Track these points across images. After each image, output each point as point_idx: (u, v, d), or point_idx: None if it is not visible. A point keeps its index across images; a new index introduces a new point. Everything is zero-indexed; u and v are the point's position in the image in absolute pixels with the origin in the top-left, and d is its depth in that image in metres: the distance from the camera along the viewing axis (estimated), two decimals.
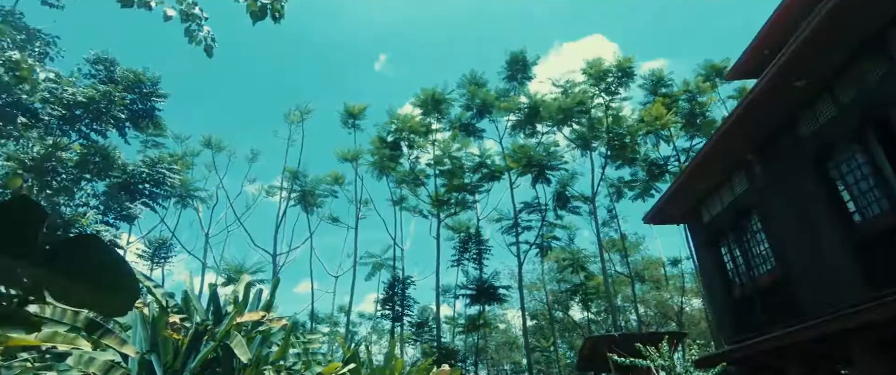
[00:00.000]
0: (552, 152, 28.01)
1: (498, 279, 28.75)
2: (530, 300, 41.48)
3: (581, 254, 31.53)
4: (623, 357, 9.68)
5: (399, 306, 28.56)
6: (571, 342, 39.55)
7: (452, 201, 31.29)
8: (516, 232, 29.36)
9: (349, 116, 34.85)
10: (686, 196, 12.72)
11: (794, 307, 9.43)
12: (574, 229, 33.30)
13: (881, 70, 7.23)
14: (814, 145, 8.73)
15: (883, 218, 7.44)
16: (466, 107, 31.76)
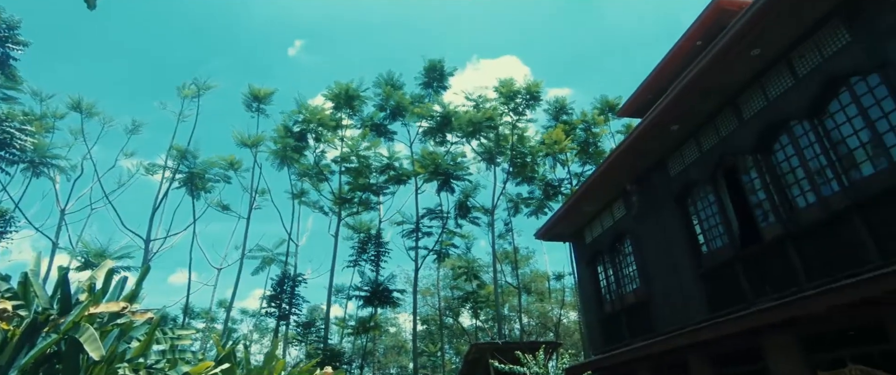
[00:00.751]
0: (459, 162, 28.80)
1: (393, 283, 28.69)
2: (423, 305, 41.98)
3: (476, 263, 32.71)
4: (503, 363, 10.19)
5: (287, 304, 27.13)
6: (458, 347, 40.72)
7: (356, 200, 30.66)
8: (417, 237, 29.60)
9: (254, 99, 32.58)
10: (574, 217, 13.87)
11: (651, 323, 10.71)
12: (472, 239, 34.47)
13: (733, 125, 8.57)
14: (678, 183, 10.05)
15: (723, 251, 8.78)
16: (380, 107, 31.44)
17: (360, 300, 28.08)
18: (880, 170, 6.15)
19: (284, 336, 29.25)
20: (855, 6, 6.45)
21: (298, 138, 30.20)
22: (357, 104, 31.41)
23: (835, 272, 6.47)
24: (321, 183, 32.12)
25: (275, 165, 31.51)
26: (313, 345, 27.43)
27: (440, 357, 34.74)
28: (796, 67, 7.35)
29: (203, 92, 32.31)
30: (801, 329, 7.13)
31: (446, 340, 42.17)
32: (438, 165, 27.25)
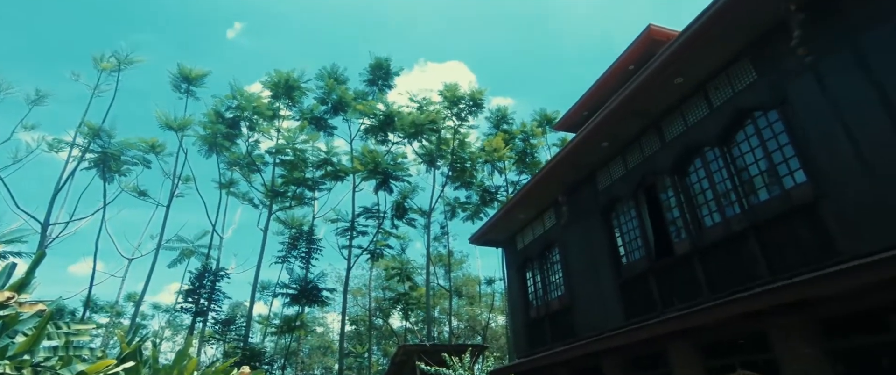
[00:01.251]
0: (399, 162, 28.65)
1: (324, 281, 27.90)
2: (353, 305, 41.22)
3: (410, 265, 32.64)
4: (430, 365, 10.25)
5: (206, 299, 25.48)
6: (386, 349, 40.37)
7: (289, 193, 29.52)
8: (351, 236, 29.02)
9: (183, 79, 30.44)
10: (508, 224, 14.27)
11: (573, 329, 11.25)
12: (407, 240, 34.34)
13: (656, 147, 9.25)
14: (605, 197, 10.67)
15: (640, 263, 9.43)
16: (322, 100, 30.57)
17: (286, 298, 27.03)
18: (774, 196, 6.90)
19: (201, 334, 27.46)
20: (762, 48, 7.21)
21: (231, 125, 28.59)
22: (297, 95, 30.33)
23: (732, 286, 7.16)
24: (253, 174, 30.62)
25: (202, 151, 29.62)
26: (232, 344, 25.96)
27: (367, 359, 34.25)
28: (712, 97, 8.08)
29: (125, 66, 29.67)
30: (700, 336, 7.81)
31: (375, 341, 41.66)
32: (378, 163, 26.95)
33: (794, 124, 6.63)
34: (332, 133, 31.26)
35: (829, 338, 6.03)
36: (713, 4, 7.01)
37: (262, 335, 34.25)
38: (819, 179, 6.21)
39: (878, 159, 5.56)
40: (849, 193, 5.83)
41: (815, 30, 6.29)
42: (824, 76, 6.25)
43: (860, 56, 5.85)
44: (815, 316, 6.15)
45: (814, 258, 6.12)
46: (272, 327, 31.92)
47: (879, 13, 5.70)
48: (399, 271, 31.19)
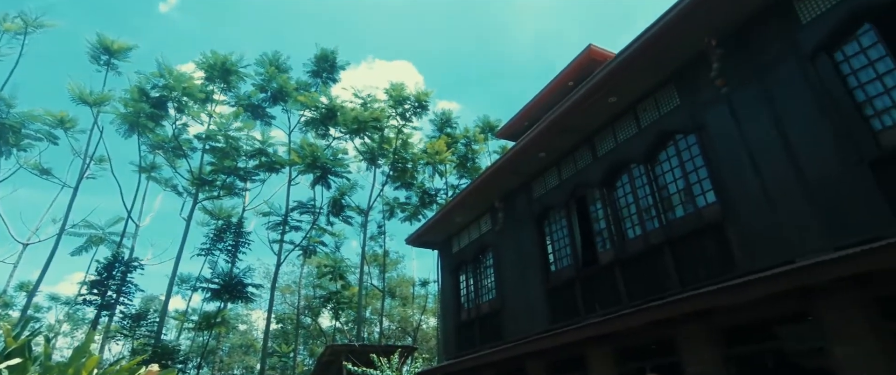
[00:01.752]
0: (340, 158, 27.99)
1: (250, 276, 26.54)
2: (281, 302, 39.66)
3: (344, 263, 31.94)
4: (357, 366, 10.07)
5: (114, 291, 23.36)
6: (313, 349, 39.18)
7: (218, 182, 27.86)
8: (283, 230, 27.92)
9: (104, 50, 27.82)
10: (445, 226, 14.39)
11: (501, 332, 11.54)
12: (342, 238, 33.63)
13: (588, 161, 9.74)
14: (539, 206, 11.07)
15: (567, 270, 9.87)
16: (261, 87, 29.21)
17: (207, 293, 25.45)
18: (688, 214, 7.50)
19: (105, 329, 25.17)
20: (685, 76, 7.83)
21: (156, 105, 26.50)
22: (234, 80, 28.77)
23: (648, 295, 7.68)
24: (178, 159, 28.61)
25: (122, 131, 27.22)
26: (142, 341, 24.00)
27: (292, 359, 33.02)
28: (640, 118, 8.65)
29: (33, 29, 26.62)
30: (617, 342, 8.30)
31: (302, 341, 40.31)
32: (317, 157, 26.17)
33: (708, 149, 7.25)
34: (270, 123, 29.97)
35: (727, 345, 6.64)
36: (645, 33, 7.52)
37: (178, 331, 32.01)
38: (726, 201, 6.83)
39: (774, 186, 6.21)
40: (749, 215, 6.47)
41: (731, 64, 6.93)
42: (736, 107, 6.90)
43: (767, 92, 6.52)
44: (716, 325, 6.75)
45: (718, 271, 6.72)
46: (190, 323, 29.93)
47: (784, 54, 6.39)
48: (332, 269, 30.44)
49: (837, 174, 5.56)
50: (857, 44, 5.70)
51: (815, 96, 5.93)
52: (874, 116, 5.42)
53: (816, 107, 5.89)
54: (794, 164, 6.02)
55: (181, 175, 28.92)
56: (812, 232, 5.70)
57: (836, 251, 5.15)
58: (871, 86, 5.51)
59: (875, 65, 5.50)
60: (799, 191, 5.91)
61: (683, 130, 7.73)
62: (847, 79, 5.71)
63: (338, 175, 27.62)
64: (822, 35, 5.96)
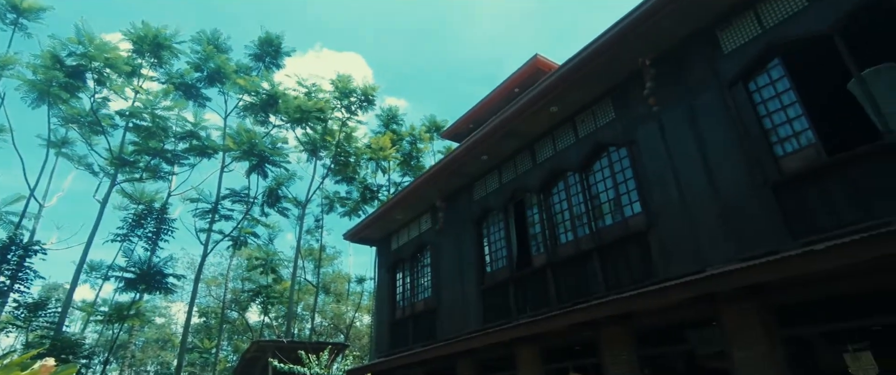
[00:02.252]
0: (279, 147, 26.89)
1: (172, 266, 24.77)
2: (206, 295, 37.49)
3: (276, 256, 30.71)
4: (284, 362, 9.72)
5: (7, 277, 20.92)
6: (238, 345, 37.35)
7: (141, 164, 25.80)
8: (213, 219, 26.38)
9: (11, 8, 24.88)
10: (385, 223, 14.25)
11: (434, 331, 11.61)
12: (277, 230, 32.32)
13: (528, 166, 10.04)
14: (479, 207, 11.26)
15: (502, 272, 10.11)
16: (196, 66, 27.41)
17: (121, 282, 23.47)
18: (616, 222, 7.94)
19: None
20: (621, 92, 8.29)
21: (72, 75, 24.04)
22: (166, 56, 26.77)
23: (575, 298, 8.04)
24: (96, 136, 26.16)
25: (29, 100, 24.46)
26: (40, 333, 21.71)
27: (214, 355, 31.27)
28: (578, 128, 9.04)
29: None
30: (544, 342, 8.62)
31: (226, 336, 38.34)
32: (254, 145, 24.97)
33: (637, 163, 7.72)
34: (205, 105, 28.21)
35: (642, 346, 7.10)
36: (586, 48, 7.88)
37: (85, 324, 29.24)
38: (650, 212, 7.31)
39: (693, 201, 6.73)
40: (669, 226, 6.96)
41: (662, 85, 7.42)
42: (665, 126, 7.40)
43: (692, 114, 7.05)
44: (635, 327, 7.20)
45: (639, 277, 7.17)
46: (99, 315, 27.46)
47: (707, 80, 6.94)
48: (264, 262, 29.19)
49: (746, 194, 6.12)
50: (767, 76, 6.31)
51: (730, 122, 6.49)
52: (778, 143, 6.02)
53: (732, 131, 6.44)
54: (711, 182, 6.55)
55: (98, 153, 26.48)
56: (722, 244, 6.23)
57: (740, 262, 5.66)
58: (776, 115, 6.11)
59: (781, 96, 6.11)
60: (713, 207, 6.44)
61: (616, 143, 8.17)
62: (758, 107, 6.30)
63: (276, 165, 26.51)
64: (739, 66, 6.53)
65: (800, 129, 5.86)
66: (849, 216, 5.18)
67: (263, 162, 25.76)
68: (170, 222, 25.31)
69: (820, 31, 5.76)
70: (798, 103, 5.92)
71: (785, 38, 6.12)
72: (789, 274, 5.04)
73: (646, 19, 7.08)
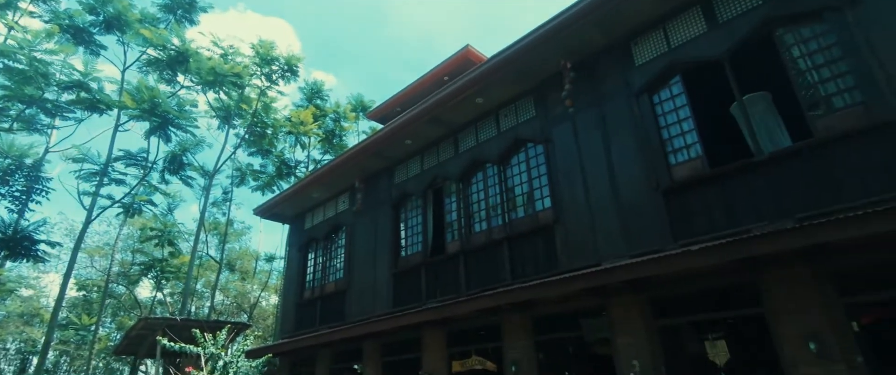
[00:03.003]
0: (186, 110, 24.54)
1: (45, 232, 21.79)
2: (87, 266, 33.64)
3: (176, 228, 28.24)
4: (175, 341, 9.05)
5: None
6: (123, 322, 34.06)
7: (13, 112, 22.27)
8: (101, 182, 23.58)
9: None
10: (300, 200, 13.70)
11: (343, 313, 11.45)
12: (178, 200, 29.70)
13: (450, 154, 10.17)
14: (398, 191, 11.22)
15: (416, 257, 10.21)
16: (91, 8, 24.05)
17: None
18: (527, 215, 8.34)
19: None
20: (542, 91, 8.66)
21: None
22: None
23: (484, 285, 8.36)
24: None
25: None
26: None
27: (93, 332, 28.23)
28: (501, 122, 9.32)
29: None
30: (451, 326, 8.88)
31: (110, 312, 34.79)
32: (157, 105, 22.60)
33: (551, 160, 8.14)
34: (98, 53, 24.92)
35: (539, 332, 7.58)
36: (512, 45, 8.13)
37: None
38: (557, 207, 7.77)
39: (596, 200, 7.26)
40: (573, 222, 7.45)
41: (579, 88, 7.86)
42: (578, 127, 7.87)
43: (602, 119, 7.57)
44: (534, 315, 7.66)
45: (544, 268, 7.61)
46: None
47: (619, 89, 7.47)
48: (160, 233, 26.76)
49: (641, 197, 6.72)
50: (669, 91, 6.94)
51: (635, 129, 7.06)
52: (672, 153, 6.68)
53: (635, 138, 7.02)
54: (613, 184, 7.11)
55: None
56: (617, 241, 6.80)
57: (629, 259, 6.23)
58: (673, 127, 6.76)
59: (678, 111, 6.76)
60: (613, 207, 7.00)
61: (534, 140, 8.55)
62: (658, 118, 6.92)
63: (181, 128, 24.23)
64: (647, 79, 7.11)
65: (691, 142, 6.54)
66: (721, 223, 5.91)
67: (166, 124, 23.43)
68: (45, 181, 22.19)
69: (714, 56, 6.45)
70: (691, 118, 6.59)
71: (686, 59, 6.77)
72: (668, 271, 5.65)
73: (569, 25, 7.44)
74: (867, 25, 5.32)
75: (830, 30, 5.61)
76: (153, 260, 27.60)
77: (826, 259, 5.10)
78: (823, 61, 5.67)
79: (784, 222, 5.25)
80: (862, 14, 5.38)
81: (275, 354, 11.68)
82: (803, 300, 5.14)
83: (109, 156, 23.92)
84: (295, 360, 12.66)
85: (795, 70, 5.87)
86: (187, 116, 24.02)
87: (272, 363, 11.89)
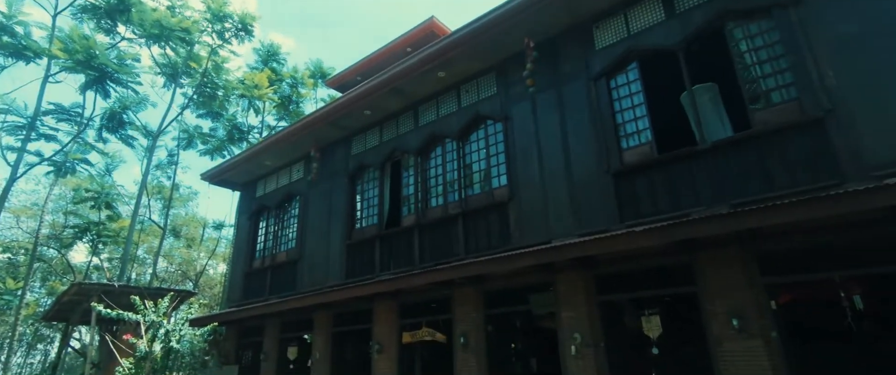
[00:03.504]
0: (128, 65, 22.77)
1: None
2: (12, 227, 31.18)
3: (114, 190, 26.56)
4: (112, 308, 8.63)
5: None
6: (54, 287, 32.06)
7: None
8: (28, 136, 21.72)
9: None
10: (252, 167, 13.19)
11: (294, 283, 11.29)
12: (118, 161, 27.88)
13: (410, 127, 10.07)
14: (356, 162, 11.03)
15: (371, 229, 10.15)
16: None
17: None
18: (483, 192, 8.44)
19: None
20: (504, 69, 8.67)
21: None
22: None
23: (437, 259, 8.45)
24: None
25: None
26: None
27: (19, 297, 26.42)
28: (462, 97, 9.28)
29: None
30: (403, 298, 8.97)
31: (39, 277, 32.61)
32: (94, 56, 20.83)
33: (509, 138, 8.23)
34: None
35: (489, 306, 7.80)
36: (477, 20, 8.05)
37: None
38: (513, 185, 7.91)
39: (550, 180, 7.43)
40: (527, 200, 7.62)
41: (541, 68, 7.92)
42: (537, 107, 7.96)
43: (561, 100, 7.69)
44: (484, 289, 7.85)
45: (497, 244, 7.78)
46: None
47: (578, 71, 7.60)
48: (97, 195, 25.12)
49: (593, 178, 6.95)
50: (626, 76, 7.13)
51: (591, 113, 7.23)
52: (624, 137, 6.91)
53: (591, 121, 7.20)
54: (567, 164, 7.29)
55: None
56: (567, 220, 7.03)
57: (578, 237, 6.47)
58: (627, 112, 6.99)
59: (633, 96, 6.98)
60: (565, 187, 7.20)
61: (494, 117, 8.59)
62: (614, 103, 7.12)
63: (121, 84, 22.55)
64: (606, 63, 7.26)
65: (642, 127, 6.79)
66: (664, 206, 6.22)
67: (105, 78, 21.72)
68: None
69: (669, 45, 6.65)
70: (644, 105, 6.83)
71: (643, 46, 6.95)
72: (613, 250, 5.92)
73: (534, 3, 7.42)
74: (807, 25, 5.65)
75: (776, 27, 5.91)
76: (89, 223, 25.96)
77: (754, 243, 5.51)
78: (767, 57, 5.99)
79: (720, 208, 5.60)
80: (804, 13, 5.70)
81: (221, 323, 11.42)
82: (731, 280, 5.55)
83: (38, 109, 22.00)
84: (242, 330, 12.43)
85: (741, 64, 6.17)
86: (128, 71, 22.34)
87: (218, 332, 11.61)
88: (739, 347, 5.32)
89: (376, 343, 9.01)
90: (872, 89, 5.10)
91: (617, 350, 6.51)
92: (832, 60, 5.39)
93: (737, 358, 5.31)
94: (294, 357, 10.78)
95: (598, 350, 6.30)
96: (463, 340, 7.74)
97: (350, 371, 10.14)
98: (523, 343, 8.99)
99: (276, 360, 11.12)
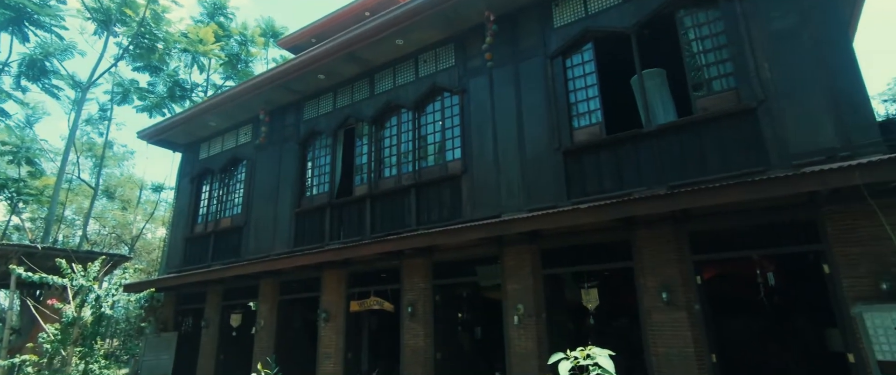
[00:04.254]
0: (51, 6, 20.55)
1: None
2: None
3: (36, 145, 24.34)
4: (34, 271, 8.04)
5: None
6: None
7: None
8: None
9: None
10: (195, 128, 12.46)
11: (238, 249, 10.94)
12: (41, 113, 25.47)
13: (365, 95, 9.82)
14: (307, 128, 10.67)
15: (321, 197, 9.94)
16: None
17: None
18: (437, 164, 8.44)
19: None
20: (463, 41, 8.58)
21: None
22: None
23: (388, 229, 8.44)
24: None
25: None
26: None
27: None
28: (420, 67, 9.12)
29: None
30: (352, 267, 8.94)
31: None
32: None
33: (465, 112, 8.22)
34: None
35: (437, 276, 7.93)
36: None
37: None
38: (467, 158, 7.95)
39: (503, 155, 7.53)
40: (480, 174, 7.70)
41: (499, 42, 7.88)
42: (494, 82, 7.97)
43: (517, 76, 7.73)
44: (433, 260, 7.96)
45: (448, 216, 7.86)
46: None
47: (536, 49, 7.64)
48: (15, 149, 22.97)
49: (544, 155, 7.10)
50: (581, 57, 7.26)
51: (546, 91, 7.34)
52: (576, 117, 7.08)
53: (545, 99, 7.31)
54: (520, 140, 7.40)
55: None
56: (518, 195, 7.19)
57: (527, 212, 6.65)
58: (580, 92, 7.14)
59: (586, 77, 7.13)
60: (517, 162, 7.33)
61: (451, 90, 8.53)
62: (568, 82, 7.25)
63: (42, 27, 20.40)
64: (562, 42, 7.34)
65: (593, 108, 6.97)
66: (609, 185, 6.49)
67: (22, 19, 19.55)
68: None
69: (623, 28, 6.81)
70: (596, 86, 7.00)
71: (598, 27, 7.07)
72: (559, 226, 6.14)
73: None
74: (750, 17, 5.94)
75: (722, 17, 6.18)
76: (6, 180, 23.74)
77: (686, 222, 5.88)
78: (711, 46, 6.27)
79: (659, 189, 5.91)
80: (748, 6, 5.98)
81: (158, 289, 10.94)
82: (664, 256, 5.93)
83: None
84: (182, 296, 11.98)
85: (689, 51, 6.43)
86: (52, 13, 20.20)
87: (156, 298, 11.13)
88: (666, 318, 5.74)
89: (324, 312, 8.97)
90: (798, 82, 5.48)
91: (557, 321, 6.85)
92: (768, 52, 5.72)
93: (664, 329, 5.74)
94: (237, 325, 10.55)
95: (539, 320, 6.60)
96: (410, 309, 7.86)
97: (296, 338, 10.08)
98: (469, 314, 9.25)
99: (218, 327, 10.85)
